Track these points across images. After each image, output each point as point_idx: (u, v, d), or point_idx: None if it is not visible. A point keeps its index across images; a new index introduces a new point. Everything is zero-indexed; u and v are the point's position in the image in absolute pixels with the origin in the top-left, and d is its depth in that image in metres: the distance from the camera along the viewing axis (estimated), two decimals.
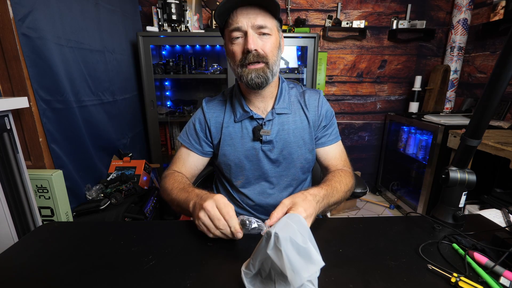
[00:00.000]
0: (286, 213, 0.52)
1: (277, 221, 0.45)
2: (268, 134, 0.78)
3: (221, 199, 0.54)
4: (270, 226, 0.46)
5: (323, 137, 0.83)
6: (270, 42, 0.70)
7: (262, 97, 0.79)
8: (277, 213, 0.52)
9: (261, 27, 0.67)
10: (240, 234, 0.52)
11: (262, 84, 0.71)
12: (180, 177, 0.76)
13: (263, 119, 0.79)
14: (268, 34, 0.69)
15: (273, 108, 0.79)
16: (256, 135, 0.78)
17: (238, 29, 0.68)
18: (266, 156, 0.81)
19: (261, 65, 0.70)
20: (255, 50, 0.68)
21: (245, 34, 0.68)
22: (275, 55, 0.72)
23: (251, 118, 0.79)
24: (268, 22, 0.68)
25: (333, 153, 0.84)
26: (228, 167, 0.83)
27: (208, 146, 0.84)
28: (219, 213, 0.53)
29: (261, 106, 0.80)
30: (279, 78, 0.83)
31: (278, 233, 0.36)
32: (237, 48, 0.70)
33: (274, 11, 0.69)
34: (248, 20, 0.66)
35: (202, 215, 0.54)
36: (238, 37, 0.69)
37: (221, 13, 0.68)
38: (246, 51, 0.68)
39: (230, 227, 0.52)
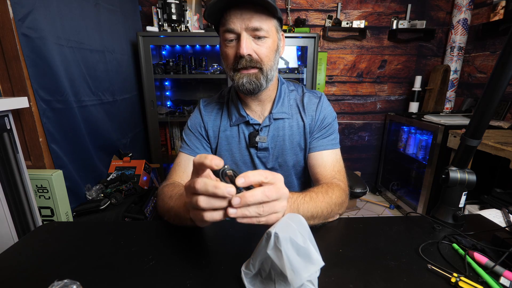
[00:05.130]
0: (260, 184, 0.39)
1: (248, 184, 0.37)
2: (264, 141, 0.74)
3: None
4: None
5: (315, 141, 0.76)
6: (266, 46, 0.64)
7: (259, 100, 0.75)
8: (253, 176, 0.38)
9: (256, 29, 0.61)
10: (220, 162, 0.37)
11: (254, 91, 0.67)
12: (180, 186, 0.67)
13: (259, 124, 0.75)
14: (265, 37, 0.63)
15: (270, 112, 0.75)
16: (252, 142, 0.75)
17: (231, 31, 0.62)
18: (262, 163, 0.78)
19: (255, 70, 0.65)
20: (249, 55, 0.63)
21: (239, 36, 0.62)
22: (271, 60, 0.66)
23: (247, 123, 0.76)
24: (264, 23, 0.62)
25: (323, 160, 0.73)
26: None
27: (210, 148, 0.81)
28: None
29: (258, 110, 0.76)
30: (278, 80, 0.78)
31: (278, 233, 0.36)
32: (230, 51, 0.65)
33: (272, 10, 0.62)
34: (242, 22, 0.60)
35: (187, 200, 0.41)
36: (231, 40, 0.64)
37: (212, 13, 0.63)
38: (238, 56, 0.63)
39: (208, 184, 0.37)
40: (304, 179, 0.84)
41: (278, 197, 0.39)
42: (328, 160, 0.74)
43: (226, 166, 0.38)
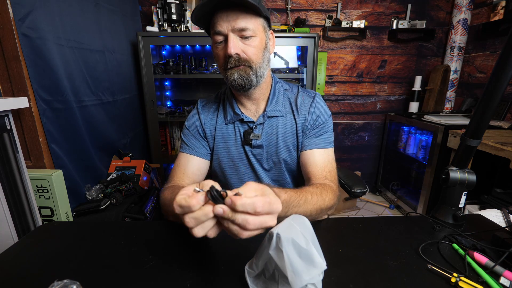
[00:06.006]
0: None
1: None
2: (258, 138, 0.75)
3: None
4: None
5: (307, 139, 0.76)
6: (254, 45, 0.66)
7: (253, 99, 0.76)
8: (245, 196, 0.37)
9: (242, 29, 0.64)
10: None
11: (245, 86, 0.69)
12: (178, 188, 0.63)
13: (254, 122, 0.76)
14: (252, 36, 0.65)
15: (264, 111, 0.76)
16: (246, 139, 0.76)
17: (219, 33, 0.65)
18: (257, 160, 0.79)
19: (244, 67, 0.67)
20: (236, 54, 0.65)
21: (227, 37, 0.64)
22: (260, 58, 0.68)
23: (242, 121, 0.77)
24: (250, 23, 0.64)
25: (315, 159, 0.73)
26: (222, 170, 0.81)
27: (208, 147, 0.81)
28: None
29: (253, 108, 0.78)
30: (272, 79, 0.79)
31: (280, 233, 0.36)
32: (220, 52, 0.68)
33: (257, 10, 0.64)
34: (228, 23, 0.63)
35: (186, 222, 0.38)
36: (220, 41, 0.66)
37: (200, 17, 0.65)
38: (227, 56, 0.65)
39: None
40: (298, 177, 0.85)
41: (270, 211, 0.37)
42: (320, 160, 0.74)
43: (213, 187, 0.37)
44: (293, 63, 2.16)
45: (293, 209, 0.54)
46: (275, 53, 2.11)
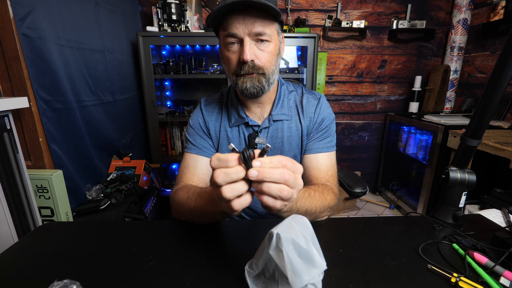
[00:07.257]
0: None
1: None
2: (263, 143, 0.74)
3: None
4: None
5: (311, 142, 0.76)
6: (268, 51, 0.64)
7: (259, 103, 0.75)
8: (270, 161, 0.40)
9: (259, 34, 0.61)
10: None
11: (257, 94, 0.68)
12: (194, 187, 0.67)
13: (259, 126, 0.75)
14: (267, 41, 0.63)
15: (270, 114, 0.75)
16: (251, 143, 0.75)
17: (233, 35, 0.62)
18: None
19: (257, 75, 0.66)
20: (252, 60, 0.63)
21: (241, 41, 0.62)
22: (273, 64, 0.67)
23: (247, 124, 0.76)
24: (267, 28, 0.62)
25: (318, 163, 0.74)
26: None
27: (215, 146, 0.80)
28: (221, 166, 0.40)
29: (258, 111, 0.76)
30: (278, 82, 0.78)
31: (280, 233, 0.36)
32: (232, 56, 0.65)
33: (275, 15, 0.62)
34: (245, 27, 0.60)
35: (214, 185, 0.40)
36: (233, 43, 0.63)
37: (215, 18, 0.62)
38: (242, 61, 0.63)
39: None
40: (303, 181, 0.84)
41: (295, 171, 0.40)
42: (323, 164, 0.74)
43: (246, 149, 0.40)
44: (293, 63, 2.16)
45: (300, 200, 0.56)
46: None
